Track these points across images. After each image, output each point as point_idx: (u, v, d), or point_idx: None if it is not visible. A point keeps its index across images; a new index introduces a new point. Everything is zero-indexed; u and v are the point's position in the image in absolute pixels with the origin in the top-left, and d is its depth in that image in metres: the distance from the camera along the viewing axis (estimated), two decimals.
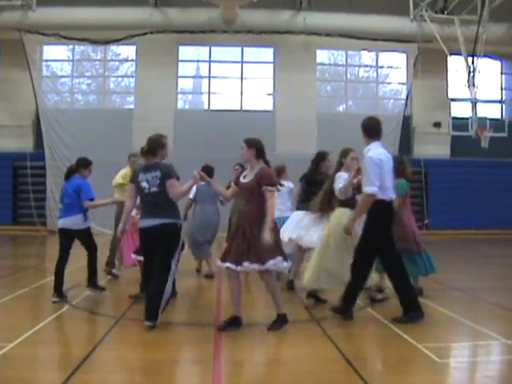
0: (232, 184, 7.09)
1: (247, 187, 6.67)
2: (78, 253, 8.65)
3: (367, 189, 6.85)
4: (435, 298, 8.32)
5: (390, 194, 7.04)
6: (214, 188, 7.30)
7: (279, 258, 6.46)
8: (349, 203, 7.58)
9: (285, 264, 6.58)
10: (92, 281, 8.49)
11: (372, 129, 7.32)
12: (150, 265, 6.79)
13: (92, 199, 8.30)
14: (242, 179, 6.83)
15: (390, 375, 5.19)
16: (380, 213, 6.94)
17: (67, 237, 8.32)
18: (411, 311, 6.93)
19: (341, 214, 7.54)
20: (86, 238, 8.45)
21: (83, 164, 8.62)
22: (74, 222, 8.27)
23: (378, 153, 7.01)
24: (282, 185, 7.29)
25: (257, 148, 6.86)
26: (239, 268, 6.43)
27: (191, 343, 6.17)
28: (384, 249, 7.06)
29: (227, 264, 6.49)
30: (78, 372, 4.94)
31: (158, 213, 6.68)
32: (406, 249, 7.94)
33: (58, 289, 7.98)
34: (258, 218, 6.46)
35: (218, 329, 6.47)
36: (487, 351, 6.04)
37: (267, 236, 6.32)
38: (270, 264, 6.39)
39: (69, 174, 8.76)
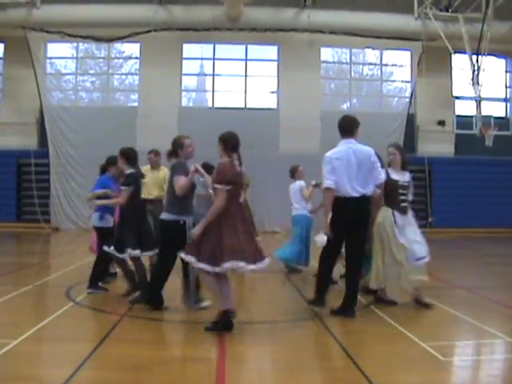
0: None
1: None
2: (85, 250, 8.69)
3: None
4: (438, 297, 8.30)
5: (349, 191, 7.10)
6: (207, 183, 7.30)
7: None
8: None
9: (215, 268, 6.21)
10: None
11: (340, 127, 7.45)
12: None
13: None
14: None
15: (394, 373, 5.19)
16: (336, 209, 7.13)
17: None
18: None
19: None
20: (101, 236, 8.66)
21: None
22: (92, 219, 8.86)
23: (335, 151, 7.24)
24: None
25: (221, 141, 6.77)
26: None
27: (195, 341, 6.17)
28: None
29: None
30: (82, 369, 4.96)
31: (165, 209, 7.31)
32: None
33: None
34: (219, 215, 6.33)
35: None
36: (491, 349, 6.03)
37: (195, 232, 6.41)
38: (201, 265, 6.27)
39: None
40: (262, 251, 6.57)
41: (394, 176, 7.58)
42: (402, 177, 7.69)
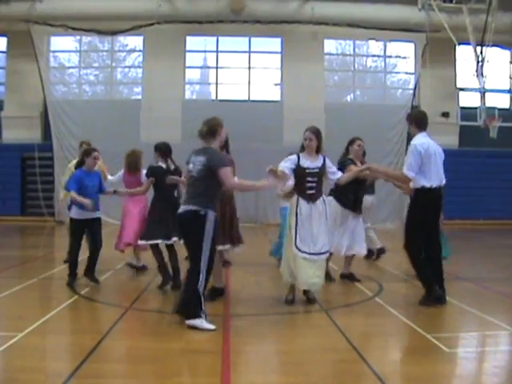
0: None
1: None
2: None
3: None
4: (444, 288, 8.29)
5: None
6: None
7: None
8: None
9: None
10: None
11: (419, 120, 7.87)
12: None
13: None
14: None
15: (399, 365, 5.20)
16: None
17: None
18: None
19: None
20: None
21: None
22: None
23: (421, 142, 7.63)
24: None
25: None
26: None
27: (200, 333, 6.17)
28: None
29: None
30: (88, 361, 4.96)
31: (187, 200, 6.41)
32: None
33: None
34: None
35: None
36: (496, 341, 6.04)
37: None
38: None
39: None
40: None
41: (304, 162, 7.38)
42: (313, 163, 7.43)
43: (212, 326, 6.08)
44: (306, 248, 7.13)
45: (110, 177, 10.28)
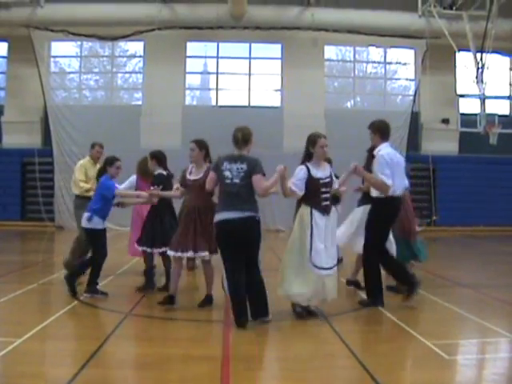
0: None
1: (199, 184, 7.27)
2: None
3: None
4: (444, 295, 8.30)
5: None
6: None
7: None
8: None
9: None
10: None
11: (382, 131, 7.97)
12: (235, 260, 6.67)
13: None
14: (189, 177, 7.47)
15: (398, 372, 5.19)
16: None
17: None
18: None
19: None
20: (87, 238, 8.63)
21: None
22: None
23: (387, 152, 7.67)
24: None
25: (206, 150, 7.57)
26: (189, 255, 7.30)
27: (200, 339, 6.17)
28: None
29: (179, 253, 7.26)
30: (87, 367, 4.96)
31: (239, 207, 6.58)
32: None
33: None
34: (206, 211, 7.21)
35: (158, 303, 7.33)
36: (496, 348, 6.04)
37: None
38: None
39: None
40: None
41: (315, 173, 7.00)
42: (324, 172, 7.11)
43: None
44: (321, 263, 6.79)
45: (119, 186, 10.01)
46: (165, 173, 8.66)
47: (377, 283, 7.77)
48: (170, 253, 7.36)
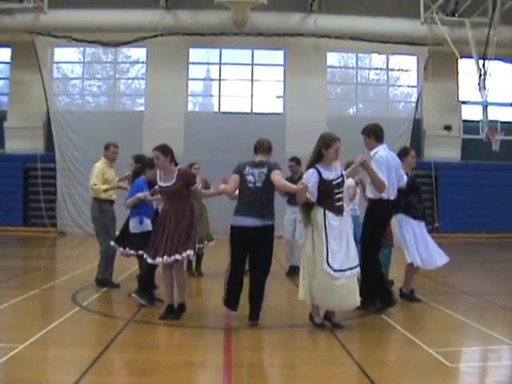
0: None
1: (173, 189, 7.14)
2: (91, 254, 8.70)
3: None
4: (446, 303, 8.28)
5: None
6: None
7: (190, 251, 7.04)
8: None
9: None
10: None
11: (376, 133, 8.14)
12: (242, 260, 7.08)
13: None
14: (160, 183, 7.28)
15: (400, 379, 5.17)
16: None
17: None
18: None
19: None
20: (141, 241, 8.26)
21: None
22: None
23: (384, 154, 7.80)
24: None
25: (171, 155, 7.25)
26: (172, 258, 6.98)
27: (201, 346, 6.16)
28: None
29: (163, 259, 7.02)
30: (89, 374, 4.95)
31: (259, 212, 6.91)
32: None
33: None
34: (184, 214, 7.11)
35: (159, 318, 7.07)
36: (498, 356, 6.01)
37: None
38: (185, 254, 7.01)
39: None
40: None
41: (327, 175, 6.79)
42: (335, 173, 6.89)
43: None
44: (338, 265, 6.56)
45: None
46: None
47: (381, 286, 7.72)
48: (149, 260, 7.20)
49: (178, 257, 6.96)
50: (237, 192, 7.23)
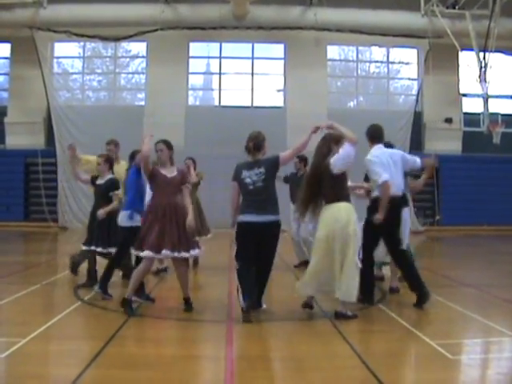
0: None
1: (176, 182, 7.32)
2: None
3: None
4: (447, 295, 8.28)
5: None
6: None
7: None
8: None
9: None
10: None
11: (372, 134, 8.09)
12: (251, 258, 7.09)
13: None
14: (166, 174, 7.31)
15: (403, 372, 5.19)
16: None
17: None
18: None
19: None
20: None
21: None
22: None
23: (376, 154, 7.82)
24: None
25: (172, 150, 7.51)
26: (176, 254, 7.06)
27: (203, 340, 6.17)
28: None
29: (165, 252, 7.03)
30: (90, 368, 4.97)
31: (266, 208, 7.01)
32: None
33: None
34: (178, 209, 7.21)
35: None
36: (500, 348, 6.02)
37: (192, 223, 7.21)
38: (195, 253, 7.31)
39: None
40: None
41: None
42: None
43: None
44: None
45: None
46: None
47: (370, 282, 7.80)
48: (148, 253, 7.02)
49: (185, 254, 7.15)
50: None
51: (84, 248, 8.79)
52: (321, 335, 6.37)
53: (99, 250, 8.55)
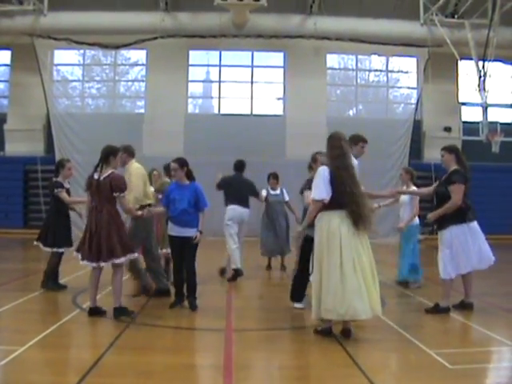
0: None
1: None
2: None
3: None
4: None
5: None
6: None
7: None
8: None
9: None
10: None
11: None
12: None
13: None
14: None
15: (401, 381, 5.17)
16: None
17: None
18: None
19: None
20: None
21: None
22: None
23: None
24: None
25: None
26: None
27: (202, 348, 6.16)
28: None
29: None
30: (89, 376, 4.95)
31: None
32: None
33: None
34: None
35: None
36: (499, 357, 6.01)
37: None
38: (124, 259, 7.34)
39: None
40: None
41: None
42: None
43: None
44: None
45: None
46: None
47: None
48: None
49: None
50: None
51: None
52: (319, 344, 6.35)
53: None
